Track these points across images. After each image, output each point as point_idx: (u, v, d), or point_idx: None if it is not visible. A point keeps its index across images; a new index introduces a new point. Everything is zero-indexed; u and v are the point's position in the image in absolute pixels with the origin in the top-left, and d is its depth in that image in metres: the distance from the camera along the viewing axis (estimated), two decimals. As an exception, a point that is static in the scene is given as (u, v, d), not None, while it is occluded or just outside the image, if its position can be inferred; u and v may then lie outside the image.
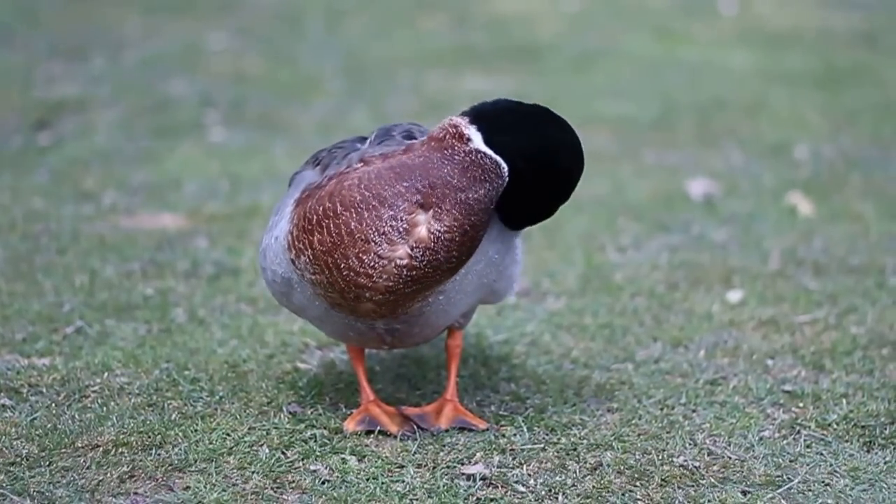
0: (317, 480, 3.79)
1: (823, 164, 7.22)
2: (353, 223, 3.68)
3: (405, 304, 3.77)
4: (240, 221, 6.12)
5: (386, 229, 3.67)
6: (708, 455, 3.97)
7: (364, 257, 3.68)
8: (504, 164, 3.73)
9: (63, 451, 3.90)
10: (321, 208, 3.72)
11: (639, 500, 3.75)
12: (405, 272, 3.68)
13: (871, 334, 4.88)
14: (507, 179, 3.74)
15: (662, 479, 3.82)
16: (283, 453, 3.93)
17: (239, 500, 3.71)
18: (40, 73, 8.94)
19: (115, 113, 8.04)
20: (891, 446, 4.04)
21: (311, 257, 3.74)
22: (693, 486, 3.81)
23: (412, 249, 3.67)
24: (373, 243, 3.67)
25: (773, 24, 11.00)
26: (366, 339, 3.97)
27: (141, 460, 3.86)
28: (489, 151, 3.73)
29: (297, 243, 3.76)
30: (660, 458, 3.93)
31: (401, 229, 3.67)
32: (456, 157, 3.71)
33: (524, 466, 3.88)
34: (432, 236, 3.67)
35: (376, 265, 3.68)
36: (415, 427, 4.06)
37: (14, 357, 4.57)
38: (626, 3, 11.94)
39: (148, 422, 4.08)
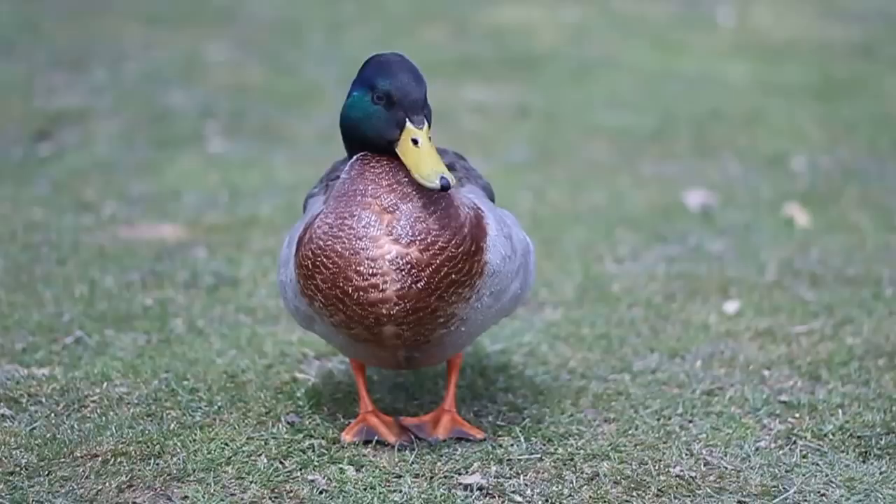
0: (315, 490, 3.80)
1: (820, 176, 7.24)
2: (337, 245, 3.74)
3: (427, 322, 3.78)
4: (239, 232, 6.13)
5: (361, 232, 3.73)
6: (704, 465, 3.98)
7: (360, 268, 3.71)
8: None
9: (62, 460, 3.92)
10: (310, 252, 3.79)
11: (635, 509, 3.78)
12: (402, 263, 3.71)
13: (867, 345, 4.89)
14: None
15: (659, 490, 3.84)
16: (281, 463, 3.94)
17: (237, 509, 3.74)
18: (41, 83, 8.96)
19: (115, 124, 8.06)
20: (886, 457, 4.05)
21: (322, 300, 3.79)
22: (689, 496, 3.82)
23: (391, 234, 3.72)
24: (361, 251, 3.71)
25: (772, 35, 11.02)
26: (386, 364, 4.00)
27: (139, 470, 3.87)
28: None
29: (306, 291, 3.83)
30: (656, 468, 3.95)
31: (372, 222, 3.73)
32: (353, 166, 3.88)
33: (521, 476, 3.89)
34: (398, 212, 3.74)
35: (374, 269, 3.71)
36: (412, 437, 4.08)
37: (14, 367, 4.59)
38: (625, 14, 11.96)
39: (147, 431, 4.09)
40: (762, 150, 7.75)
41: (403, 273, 3.71)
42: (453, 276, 3.74)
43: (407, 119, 3.78)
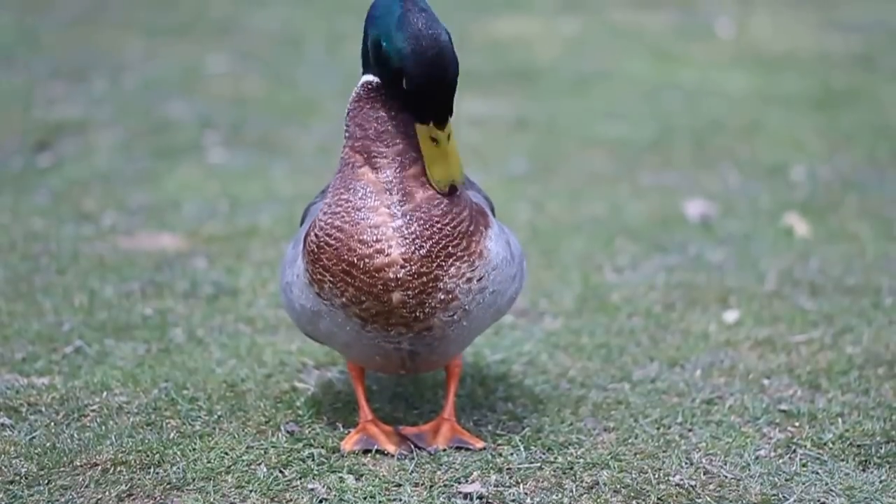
0: (314, 499, 3.80)
1: (820, 186, 7.25)
2: (337, 221, 3.76)
3: (430, 291, 3.78)
4: (238, 242, 6.14)
5: (359, 203, 3.76)
6: (704, 474, 3.98)
7: (364, 236, 3.73)
8: (371, 77, 3.87)
9: (62, 469, 3.92)
10: (314, 236, 3.81)
11: (635, 518, 3.78)
12: (406, 233, 3.73)
13: (866, 354, 4.89)
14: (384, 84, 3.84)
15: (659, 499, 3.83)
16: (280, 472, 3.94)
17: (237, 518, 3.74)
18: (41, 94, 8.97)
19: (115, 134, 8.07)
20: (886, 465, 4.05)
21: (331, 280, 3.80)
22: (689, 504, 3.83)
23: (389, 202, 3.76)
24: (361, 221, 3.74)
25: (771, 46, 11.04)
26: (389, 363, 3.99)
27: (139, 479, 3.88)
28: (364, 78, 3.88)
29: (315, 276, 3.83)
30: (656, 477, 3.95)
31: (368, 193, 3.76)
32: (351, 112, 3.86)
33: (521, 485, 3.89)
34: (385, 175, 3.78)
35: (377, 235, 3.73)
36: (412, 446, 4.08)
37: (13, 376, 4.59)
38: (623, 26, 11.98)
39: (146, 441, 4.10)
40: (762, 160, 7.75)
41: (408, 241, 3.73)
42: (451, 248, 3.76)
43: (431, 121, 3.77)
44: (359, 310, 3.81)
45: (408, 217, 3.75)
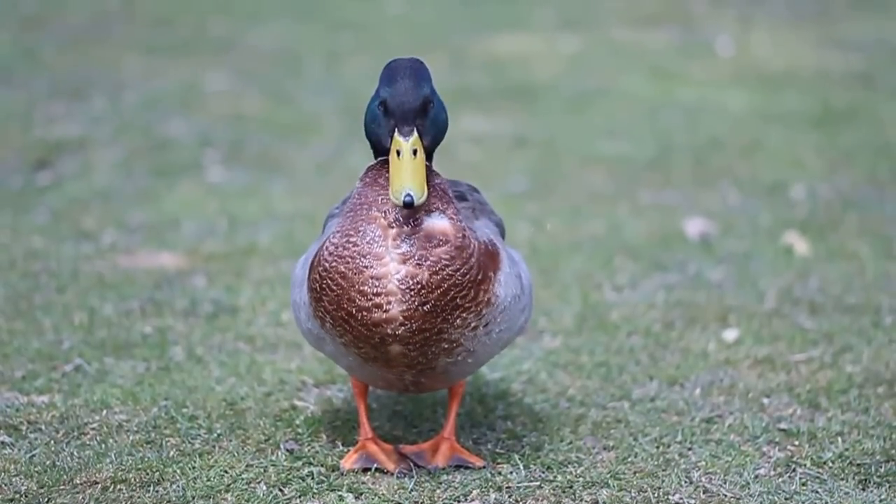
0: (314, 518, 3.81)
1: (820, 204, 7.25)
2: (342, 267, 3.73)
3: (432, 344, 3.77)
4: (238, 260, 6.14)
5: (365, 249, 3.73)
6: (704, 493, 3.98)
7: (364, 287, 3.71)
8: None
9: (62, 487, 3.92)
10: (318, 275, 3.79)
11: (635, 537, 3.77)
12: (412, 283, 3.71)
13: (866, 373, 4.89)
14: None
15: (658, 517, 3.84)
16: (280, 490, 3.94)
17: (236, 537, 3.73)
18: (40, 113, 8.97)
19: (114, 153, 8.07)
20: (886, 484, 4.05)
21: (331, 322, 3.79)
22: (689, 523, 3.83)
23: (398, 249, 3.73)
24: (365, 269, 3.71)
25: (770, 64, 11.05)
26: (393, 386, 4.00)
27: (139, 497, 3.87)
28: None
29: (317, 313, 3.83)
30: (655, 496, 3.94)
31: (377, 238, 3.73)
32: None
33: (520, 504, 3.90)
34: (405, 229, 3.75)
35: (378, 288, 3.71)
36: (411, 465, 4.07)
37: (13, 394, 4.59)
38: (623, 44, 11.99)
39: (146, 459, 4.09)
40: (761, 178, 7.75)
41: (412, 294, 3.71)
42: (458, 300, 3.74)
43: (395, 129, 3.78)
44: (358, 351, 3.81)
45: (415, 264, 3.72)
